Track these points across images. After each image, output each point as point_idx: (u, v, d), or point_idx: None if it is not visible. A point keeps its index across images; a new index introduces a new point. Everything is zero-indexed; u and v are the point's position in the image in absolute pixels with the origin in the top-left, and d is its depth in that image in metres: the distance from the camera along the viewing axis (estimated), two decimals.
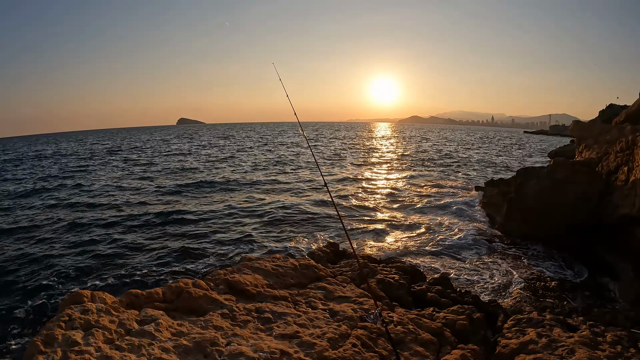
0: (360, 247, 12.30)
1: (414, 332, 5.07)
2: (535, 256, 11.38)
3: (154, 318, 4.47)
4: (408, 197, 19.94)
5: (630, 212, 9.61)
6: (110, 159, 40.15)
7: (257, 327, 4.77)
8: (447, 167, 32.85)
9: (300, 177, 26.13)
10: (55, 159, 43.88)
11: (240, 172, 28.58)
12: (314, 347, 4.38)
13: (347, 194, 20.59)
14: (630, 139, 10.79)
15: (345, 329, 4.90)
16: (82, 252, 11.72)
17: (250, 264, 6.56)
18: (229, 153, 44.67)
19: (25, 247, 12.28)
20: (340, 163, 34.78)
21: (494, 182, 18.77)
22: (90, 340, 3.84)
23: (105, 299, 4.68)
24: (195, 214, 16.03)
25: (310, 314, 5.24)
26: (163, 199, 19.22)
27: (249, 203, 18.13)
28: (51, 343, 3.75)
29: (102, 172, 29.75)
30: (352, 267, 7.71)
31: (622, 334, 5.40)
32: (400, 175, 27.50)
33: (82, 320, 4.14)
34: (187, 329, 4.44)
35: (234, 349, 4.09)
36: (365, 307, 5.56)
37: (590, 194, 11.43)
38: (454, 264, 11.01)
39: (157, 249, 11.90)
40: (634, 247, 9.23)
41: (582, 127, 17.81)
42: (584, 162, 13.12)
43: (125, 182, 24.25)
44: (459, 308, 6.16)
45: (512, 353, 5.05)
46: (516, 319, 5.97)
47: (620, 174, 10.80)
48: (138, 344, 3.95)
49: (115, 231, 13.86)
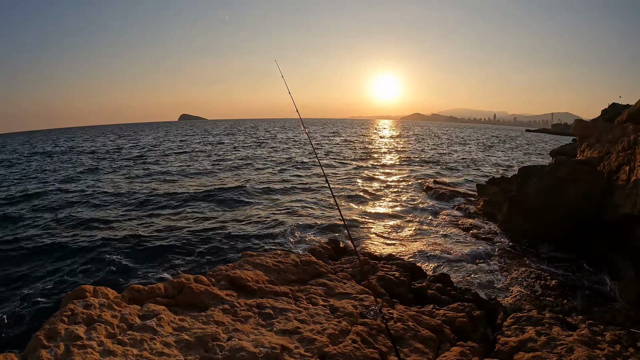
0: (361, 244, 12.33)
1: (414, 329, 5.10)
2: (536, 255, 11.39)
3: (156, 313, 4.51)
4: (410, 195, 19.96)
5: (632, 211, 9.60)
6: (117, 157, 40.16)
7: (258, 323, 4.80)
8: (448, 165, 32.80)
9: (302, 174, 26.14)
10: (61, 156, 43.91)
11: (239, 170, 28.60)
12: (315, 343, 4.42)
13: (349, 191, 20.61)
14: (632, 139, 10.77)
15: (346, 325, 4.93)
16: (84, 248, 11.78)
17: (252, 259, 6.60)
18: (228, 151, 44.72)
19: (27, 242, 12.34)
20: (342, 160, 34.76)
21: (495, 181, 18.77)
22: (92, 335, 3.88)
23: (108, 294, 4.71)
24: (197, 211, 16.08)
25: (310, 310, 5.27)
26: (166, 197, 19.25)
27: (249, 199, 18.16)
28: (54, 337, 3.79)
29: (107, 169, 29.80)
30: (352, 263, 7.74)
31: (621, 333, 5.42)
32: (402, 173, 27.50)
33: (85, 315, 4.18)
34: (189, 324, 4.48)
35: (235, 344, 4.13)
36: (366, 303, 5.59)
37: (592, 193, 11.42)
38: (454, 261, 11.04)
39: (158, 245, 11.94)
40: (634, 246, 9.23)
41: (584, 126, 17.74)
42: (586, 161, 13.09)
43: (127, 180, 24.28)
44: (459, 305, 6.19)
45: (511, 351, 5.08)
46: (516, 317, 6.00)
47: (622, 174, 10.79)
48: (140, 339, 3.98)
49: (117, 227, 13.91)
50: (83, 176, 25.99)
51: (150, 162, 33.26)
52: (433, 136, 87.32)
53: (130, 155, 39.96)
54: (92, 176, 25.97)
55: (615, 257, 10.14)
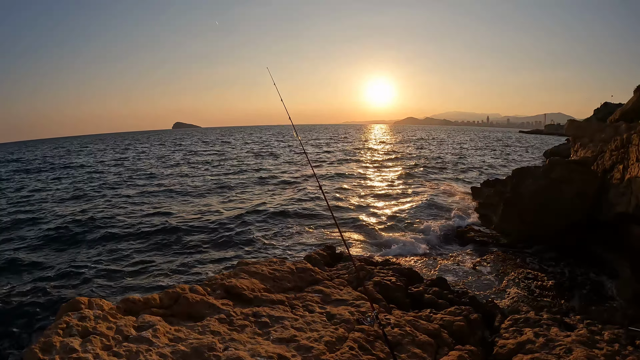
0: (357, 250, 12.31)
1: (411, 334, 5.09)
2: (532, 256, 11.41)
3: (152, 324, 4.47)
4: (405, 200, 19.97)
5: (627, 210, 9.65)
6: (109, 168, 40.02)
7: (255, 332, 4.78)
8: (443, 168, 32.89)
9: (295, 180, 26.09)
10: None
11: (235, 176, 28.56)
12: (312, 351, 4.39)
13: (343, 197, 20.55)
14: (625, 137, 10.85)
15: (343, 332, 4.91)
16: (79, 260, 11.68)
17: (247, 268, 6.57)
18: (222, 156, 44.68)
19: (21, 254, 12.23)
20: (336, 166, 34.76)
21: (490, 182, 18.82)
22: (88, 347, 3.85)
23: (103, 306, 4.68)
24: (190, 220, 16.01)
25: (307, 318, 5.25)
26: (158, 205, 19.18)
27: (245, 207, 18.10)
28: (49, 350, 3.75)
29: (100, 180, 29.64)
30: (348, 269, 7.73)
31: (619, 332, 5.43)
32: (396, 178, 27.50)
33: (80, 327, 4.14)
34: (185, 335, 4.45)
35: (232, 353, 4.10)
36: (362, 309, 5.58)
37: (586, 193, 11.47)
38: (451, 265, 11.04)
39: (152, 255, 11.86)
40: (630, 245, 9.27)
41: (577, 126, 17.89)
42: (580, 160, 13.17)
43: (121, 190, 24.12)
44: (456, 309, 6.18)
45: (509, 353, 5.08)
46: (513, 319, 6.00)
47: (616, 172, 10.85)
48: (136, 350, 3.95)
49: (111, 238, 13.78)
50: (75, 184, 25.88)
51: (149, 175, 33.14)
52: (431, 139, 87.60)
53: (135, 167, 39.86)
54: (84, 184, 25.87)
55: (611, 256, 10.19)
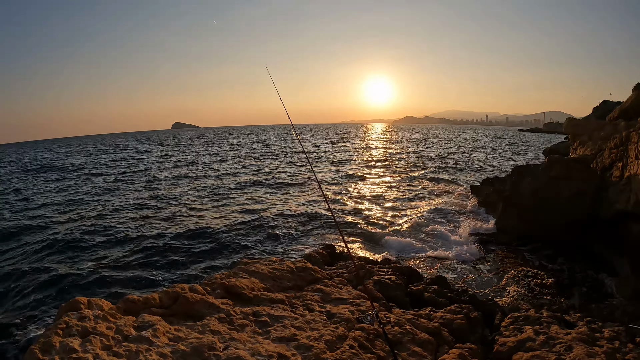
0: (356, 249, 12.30)
1: (412, 333, 5.08)
2: (532, 253, 11.42)
3: (151, 324, 4.46)
4: (404, 198, 19.97)
5: (626, 207, 9.66)
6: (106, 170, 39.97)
7: (255, 331, 4.77)
8: (442, 167, 32.86)
9: (295, 180, 26.07)
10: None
11: (233, 176, 28.54)
12: (312, 350, 4.39)
13: (343, 196, 20.56)
14: (624, 135, 10.85)
15: (343, 331, 4.91)
16: (78, 260, 11.67)
17: (247, 267, 6.55)
18: (221, 156, 44.66)
19: (22, 255, 12.23)
20: (337, 166, 34.76)
21: (489, 181, 18.85)
22: (88, 347, 3.83)
23: (102, 306, 4.66)
24: (190, 220, 16.00)
25: (307, 317, 5.24)
26: (157, 206, 19.17)
27: (244, 207, 18.09)
28: (49, 350, 3.74)
29: (98, 182, 29.61)
30: (348, 268, 7.71)
31: (619, 329, 5.43)
32: (396, 177, 27.52)
33: (80, 327, 4.13)
34: (185, 334, 4.44)
35: (232, 353, 4.09)
36: (362, 308, 5.57)
37: (586, 191, 11.48)
38: (450, 263, 11.05)
39: (152, 255, 11.84)
40: (630, 242, 9.28)
41: (576, 124, 17.85)
42: (579, 159, 13.16)
43: (119, 192, 24.07)
44: (456, 307, 6.17)
45: (509, 351, 5.07)
46: (513, 317, 5.99)
47: (615, 170, 10.86)
48: (136, 350, 3.94)
49: (111, 240, 13.76)
50: (73, 187, 25.85)
51: (149, 177, 33.11)
52: (430, 138, 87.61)
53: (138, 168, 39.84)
54: (81, 188, 25.84)
55: (611, 254, 10.19)
